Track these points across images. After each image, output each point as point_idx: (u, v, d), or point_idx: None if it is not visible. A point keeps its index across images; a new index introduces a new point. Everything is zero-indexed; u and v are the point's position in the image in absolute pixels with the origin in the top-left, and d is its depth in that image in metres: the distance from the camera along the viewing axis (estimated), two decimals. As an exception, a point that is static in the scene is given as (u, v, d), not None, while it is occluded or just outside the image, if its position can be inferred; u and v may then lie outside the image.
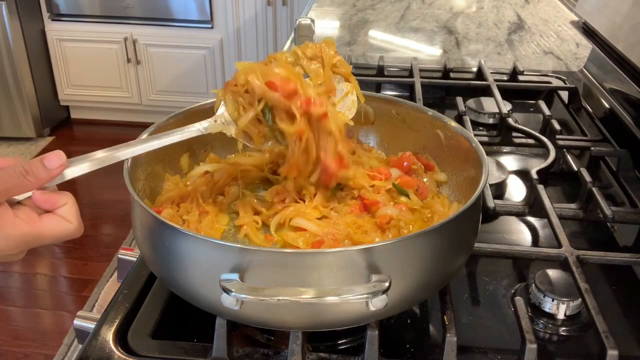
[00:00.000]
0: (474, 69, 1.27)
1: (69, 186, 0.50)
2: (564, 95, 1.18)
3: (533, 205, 0.79)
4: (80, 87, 3.35)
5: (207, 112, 0.72)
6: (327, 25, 1.72)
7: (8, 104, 3.13)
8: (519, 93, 1.19)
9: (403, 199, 0.66)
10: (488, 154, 0.63)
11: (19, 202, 0.49)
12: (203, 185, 0.68)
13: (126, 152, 0.55)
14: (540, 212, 0.77)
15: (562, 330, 0.63)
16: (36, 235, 0.48)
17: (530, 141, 0.97)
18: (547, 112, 1.02)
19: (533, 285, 0.65)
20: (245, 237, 0.63)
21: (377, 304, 0.47)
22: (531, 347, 0.54)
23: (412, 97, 1.14)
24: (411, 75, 1.19)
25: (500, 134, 1.00)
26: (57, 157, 0.50)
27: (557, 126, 0.97)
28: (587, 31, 1.21)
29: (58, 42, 3.22)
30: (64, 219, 0.49)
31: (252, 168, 0.71)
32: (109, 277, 0.87)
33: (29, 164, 0.49)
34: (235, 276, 0.47)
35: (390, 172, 0.69)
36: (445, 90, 1.22)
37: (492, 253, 0.69)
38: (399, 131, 0.76)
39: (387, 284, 0.47)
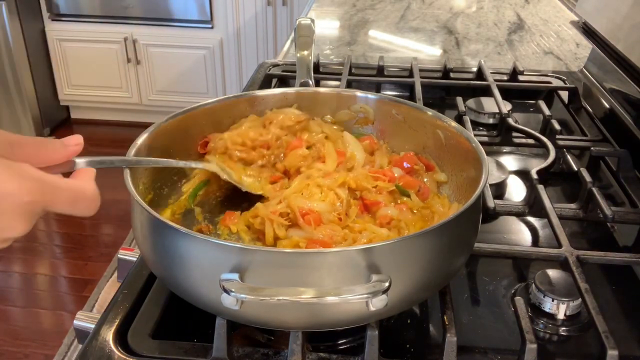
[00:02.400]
0: (474, 69, 1.27)
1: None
2: (564, 95, 1.18)
3: (533, 205, 0.79)
4: (80, 87, 3.35)
5: (207, 112, 0.73)
6: (327, 25, 1.72)
7: (8, 104, 3.14)
8: (519, 93, 1.19)
9: (404, 199, 0.66)
10: (488, 154, 0.63)
11: None
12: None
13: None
14: (540, 212, 0.77)
15: (562, 330, 0.63)
16: (53, 184, 0.43)
17: (530, 141, 0.97)
18: (547, 112, 1.02)
19: (533, 285, 0.65)
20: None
21: (377, 304, 0.47)
22: (531, 347, 0.54)
23: (412, 97, 1.14)
24: (411, 75, 1.19)
25: (500, 134, 1.00)
26: (74, 137, 0.48)
27: (557, 126, 0.97)
28: (587, 31, 1.21)
29: (58, 42, 3.22)
30: (83, 180, 0.47)
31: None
32: (109, 277, 0.87)
33: (48, 138, 0.47)
34: (235, 276, 0.47)
35: (394, 175, 0.69)
36: (445, 90, 1.22)
37: (492, 253, 0.69)
38: (399, 131, 0.76)
39: (387, 284, 0.47)
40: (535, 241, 0.79)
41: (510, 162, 0.98)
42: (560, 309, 0.63)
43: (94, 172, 0.50)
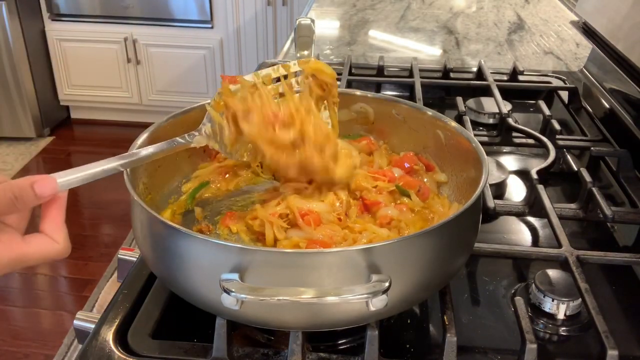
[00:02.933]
0: (474, 69, 1.27)
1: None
2: (564, 95, 1.18)
3: (533, 205, 0.79)
4: (80, 87, 3.35)
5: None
6: (327, 25, 1.72)
7: (8, 104, 3.14)
8: (519, 93, 1.19)
9: (405, 199, 0.66)
10: (488, 154, 0.63)
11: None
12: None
13: (115, 165, 0.55)
14: (540, 212, 0.77)
15: (562, 330, 0.63)
16: (20, 259, 0.46)
17: (530, 141, 0.97)
18: (547, 112, 1.02)
19: (533, 285, 0.65)
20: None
21: (377, 304, 0.47)
22: (531, 347, 0.54)
23: (412, 97, 1.14)
24: (411, 75, 1.19)
25: (500, 134, 1.00)
26: (49, 184, 0.48)
27: (557, 126, 0.97)
28: (587, 31, 1.21)
29: (58, 42, 3.22)
30: (50, 238, 0.48)
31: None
32: (109, 277, 0.87)
33: (19, 189, 0.46)
34: (235, 276, 0.47)
35: (394, 175, 0.69)
36: (445, 90, 1.22)
37: (492, 253, 0.69)
38: (399, 131, 0.76)
39: (387, 284, 0.47)
40: (535, 241, 0.79)
41: (510, 162, 0.98)
42: (560, 309, 0.63)
43: (65, 200, 0.49)
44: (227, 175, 0.72)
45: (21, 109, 3.15)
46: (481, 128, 1.07)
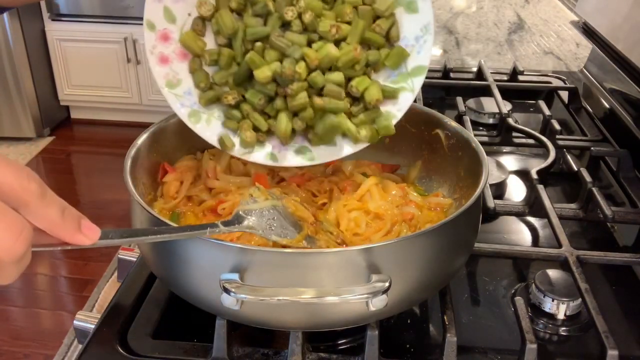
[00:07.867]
0: (474, 69, 1.27)
1: (69, 186, 0.49)
2: (564, 95, 1.18)
3: (533, 205, 0.79)
4: (80, 87, 3.35)
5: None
6: (327, 25, 1.72)
7: (8, 104, 3.13)
8: (519, 93, 1.19)
9: (415, 197, 0.66)
10: (488, 154, 0.63)
11: None
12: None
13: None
14: (540, 212, 0.77)
15: (562, 330, 0.63)
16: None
17: (530, 141, 0.97)
18: (547, 112, 1.02)
19: (533, 285, 0.65)
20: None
21: (377, 304, 0.47)
22: (531, 347, 0.54)
23: (412, 97, 1.14)
24: (411, 75, 1.19)
25: (500, 134, 1.00)
26: (94, 233, 0.42)
27: (557, 126, 0.97)
28: (587, 31, 1.21)
29: (58, 42, 3.22)
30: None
31: None
32: (109, 277, 0.87)
33: (71, 213, 0.41)
34: (235, 276, 0.47)
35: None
36: (445, 90, 1.22)
37: (492, 253, 0.69)
38: (399, 131, 0.75)
39: (387, 284, 0.47)
40: (535, 241, 0.79)
41: (510, 162, 0.98)
42: (560, 309, 0.63)
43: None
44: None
45: (21, 109, 3.15)
46: (481, 128, 1.07)
